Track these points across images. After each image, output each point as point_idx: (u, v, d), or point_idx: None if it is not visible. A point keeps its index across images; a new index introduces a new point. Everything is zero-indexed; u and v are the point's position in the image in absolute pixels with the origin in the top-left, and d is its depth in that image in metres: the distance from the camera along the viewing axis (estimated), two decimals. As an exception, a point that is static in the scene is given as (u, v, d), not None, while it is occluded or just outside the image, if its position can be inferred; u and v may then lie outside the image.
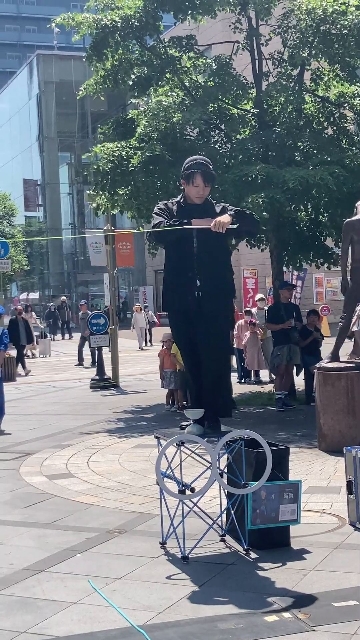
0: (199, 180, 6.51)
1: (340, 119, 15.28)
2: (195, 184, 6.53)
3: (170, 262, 6.65)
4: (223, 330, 6.69)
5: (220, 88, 14.64)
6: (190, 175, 6.53)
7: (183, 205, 6.61)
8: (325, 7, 13.15)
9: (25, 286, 70.93)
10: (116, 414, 14.40)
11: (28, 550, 6.62)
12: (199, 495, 6.14)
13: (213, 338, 6.48)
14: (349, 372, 10.03)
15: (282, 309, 14.14)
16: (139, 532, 7.00)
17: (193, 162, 6.62)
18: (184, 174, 6.61)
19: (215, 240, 6.40)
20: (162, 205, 6.70)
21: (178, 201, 6.71)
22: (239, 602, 5.26)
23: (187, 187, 6.62)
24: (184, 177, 6.63)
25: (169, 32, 22.52)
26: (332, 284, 38.29)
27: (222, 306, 6.55)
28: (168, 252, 6.72)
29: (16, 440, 12.02)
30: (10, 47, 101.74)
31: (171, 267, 6.64)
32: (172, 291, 6.62)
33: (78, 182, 58.16)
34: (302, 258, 15.66)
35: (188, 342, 6.70)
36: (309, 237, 15.31)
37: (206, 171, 6.54)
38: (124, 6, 14.38)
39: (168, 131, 13.53)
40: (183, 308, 6.55)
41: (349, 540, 6.46)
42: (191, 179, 6.53)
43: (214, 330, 6.47)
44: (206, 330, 6.46)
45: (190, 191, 6.59)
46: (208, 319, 6.44)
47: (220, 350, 6.66)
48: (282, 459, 6.46)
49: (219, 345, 6.58)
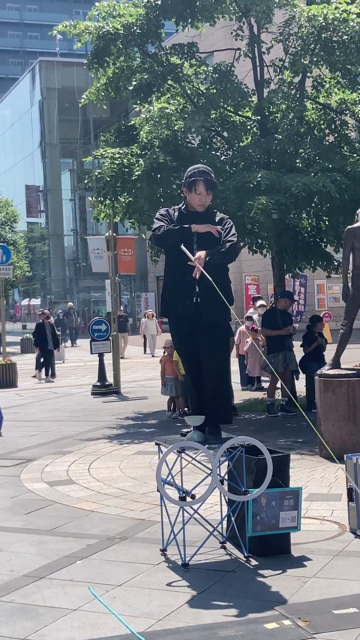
0: (202, 188, 6.56)
1: (341, 126, 15.31)
2: (198, 192, 6.58)
3: (170, 267, 6.70)
4: (222, 336, 6.70)
5: (223, 94, 14.66)
6: (193, 183, 6.58)
7: (184, 213, 6.65)
8: (326, 14, 13.19)
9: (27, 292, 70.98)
10: (117, 420, 14.40)
11: (28, 557, 6.62)
12: (199, 502, 6.14)
13: (212, 344, 6.51)
14: (350, 378, 10.03)
15: (278, 315, 14.19)
16: (139, 538, 6.99)
17: (195, 171, 6.67)
18: (186, 182, 6.67)
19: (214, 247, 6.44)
20: (164, 212, 6.75)
21: (179, 208, 6.75)
22: (239, 609, 5.26)
23: (189, 195, 6.66)
24: (186, 185, 6.68)
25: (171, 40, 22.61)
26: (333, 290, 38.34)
27: (221, 312, 6.57)
28: (168, 258, 6.77)
29: (17, 447, 12.01)
30: (13, 53, 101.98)
31: (171, 272, 6.68)
32: (171, 296, 6.67)
33: (80, 188, 58.20)
34: (304, 264, 15.66)
35: (188, 348, 6.72)
36: (310, 244, 15.32)
37: (208, 179, 6.60)
38: (125, 14, 14.42)
39: (170, 138, 13.56)
40: (182, 313, 6.58)
41: (349, 547, 6.45)
42: (193, 187, 6.58)
43: (213, 336, 6.50)
44: (205, 336, 6.49)
45: (193, 199, 6.63)
46: (207, 325, 6.48)
47: (220, 356, 6.66)
48: (282, 465, 6.46)
49: (218, 351, 6.60)
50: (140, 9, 14.30)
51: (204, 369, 6.59)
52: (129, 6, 14.68)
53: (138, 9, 14.37)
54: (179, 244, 6.46)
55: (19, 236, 50.43)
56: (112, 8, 14.68)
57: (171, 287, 6.69)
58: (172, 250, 6.67)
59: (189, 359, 6.79)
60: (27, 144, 66.62)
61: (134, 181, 13.50)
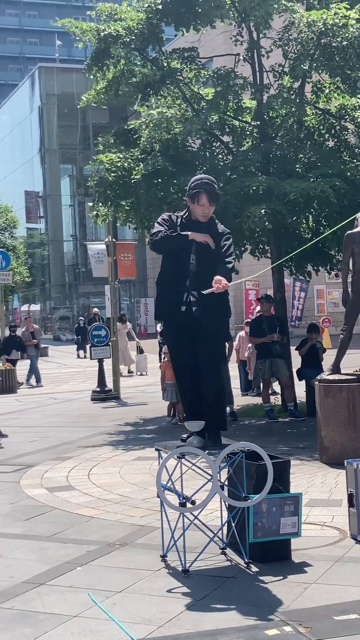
0: (205, 200, 6.59)
1: (341, 132, 15.31)
2: (201, 203, 6.60)
3: (166, 275, 6.71)
4: (217, 342, 6.74)
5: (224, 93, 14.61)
6: (196, 194, 6.60)
7: (186, 222, 6.67)
8: (325, 20, 13.18)
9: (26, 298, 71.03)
10: (117, 426, 14.38)
11: (28, 563, 6.60)
12: (199, 508, 6.12)
13: (208, 350, 6.53)
14: (350, 384, 10.01)
15: (264, 322, 14.22)
16: (139, 545, 6.98)
17: (199, 182, 6.68)
18: (190, 193, 6.67)
19: (212, 259, 6.48)
20: (166, 217, 6.77)
21: (182, 216, 6.76)
22: (240, 615, 5.24)
23: (192, 206, 6.68)
24: (189, 195, 6.69)
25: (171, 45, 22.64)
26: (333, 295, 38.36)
27: (216, 320, 6.58)
28: (164, 265, 6.76)
29: (17, 453, 12.00)
30: (12, 59, 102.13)
31: (166, 280, 6.70)
32: (167, 302, 6.68)
33: (79, 194, 58.31)
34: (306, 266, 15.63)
35: (181, 354, 6.76)
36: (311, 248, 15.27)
37: (212, 191, 6.63)
38: (127, 18, 14.43)
39: (170, 142, 13.55)
40: (177, 320, 6.62)
41: (350, 553, 6.43)
42: (196, 198, 6.60)
43: (208, 342, 6.53)
44: (201, 342, 6.52)
45: (196, 210, 6.66)
46: (202, 331, 6.50)
47: (215, 361, 6.68)
48: (283, 471, 6.44)
49: (214, 356, 6.62)
50: (140, 14, 14.31)
51: (202, 375, 6.59)
52: (130, 10, 14.69)
53: (139, 13, 14.38)
54: (174, 249, 6.51)
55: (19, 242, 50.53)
56: (113, 10, 14.69)
57: (165, 294, 6.71)
58: (168, 256, 6.70)
59: (182, 364, 6.83)
60: (27, 150, 66.74)
61: (134, 185, 13.49)
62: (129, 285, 59.08)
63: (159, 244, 6.59)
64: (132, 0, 15.00)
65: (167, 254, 6.68)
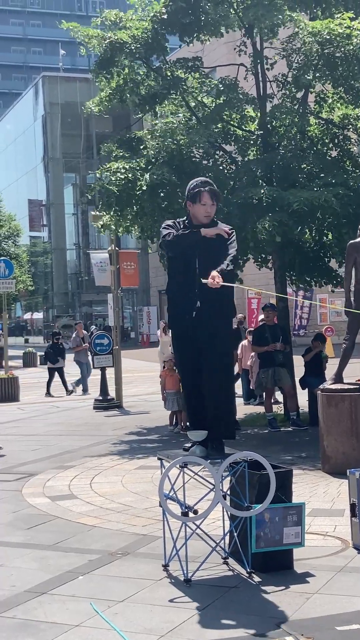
0: (206, 198, 6.58)
1: (344, 141, 15.32)
2: (203, 202, 6.59)
3: (173, 282, 6.71)
4: (223, 350, 6.71)
5: (228, 103, 14.66)
6: (197, 194, 6.59)
7: (188, 227, 6.66)
8: (329, 30, 13.22)
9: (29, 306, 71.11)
10: (119, 434, 14.37)
11: (30, 572, 6.59)
12: (202, 517, 6.11)
13: (213, 358, 6.51)
14: (353, 393, 10.00)
15: (266, 331, 14.22)
16: (141, 554, 6.96)
17: (197, 182, 6.72)
18: (190, 194, 6.66)
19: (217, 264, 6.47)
20: (170, 222, 6.79)
21: (184, 221, 6.75)
22: (242, 625, 5.23)
23: (193, 208, 6.66)
24: (189, 198, 6.68)
25: (175, 54, 22.69)
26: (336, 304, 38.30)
27: (222, 326, 6.60)
28: (171, 272, 6.78)
29: (19, 461, 11.99)
30: (16, 68, 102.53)
31: (174, 288, 6.71)
32: (174, 310, 6.71)
33: (83, 202, 58.38)
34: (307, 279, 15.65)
35: (187, 362, 6.75)
36: (313, 258, 15.31)
37: (212, 189, 6.63)
38: (132, 26, 14.48)
39: (175, 153, 13.58)
40: (183, 327, 6.63)
41: (352, 563, 6.42)
42: (198, 198, 6.59)
43: (214, 350, 6.51)
44: (206, 349, 6.50)
45: (198, 210, 6.63)
46: (208, 338, 6.49)
47: (221, 369, 6.66)
48: (285, 481, 6.43)
49: (219, 365, 6.60)
50: (145, 23, 14.35)
51: (206, 383, 6.58)
52: (135, 19, 14.73)
53: (144, 22, 14.42)
54: (187, 249, 6.51)
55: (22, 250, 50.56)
56: (118, 18, 14.74)
57: (173, 301, 6.74)
58: (175, 261, 6.72)
59: (187, 372, 6.83)
60: (30, 159, 66.91)
61: (138, 195, 13.51)
62: (132, 294, 59.16)
63: (172, 243, 6.56)
64: (137, 9, 15.04)
65: (179, 254, 6.64)
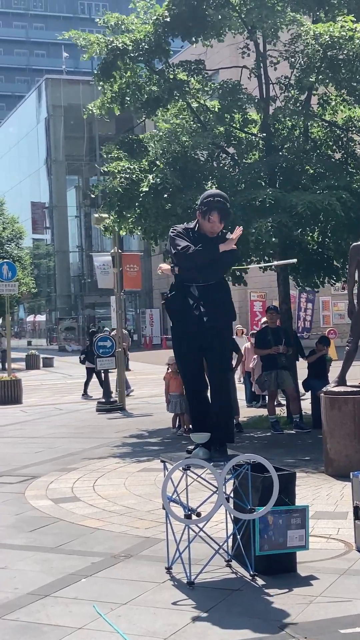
0: (215, 217, 6.61)
1: (347, 144, 15.33)
2: (211, 221, 6.60)
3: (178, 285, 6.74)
4: (225, 349, 6.77)
5: (232, 104, 14.64)
6: (207, 211, 6.60)
7: (197, 236, 6.69)
8: (332, 32, 13.22)
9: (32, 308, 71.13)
10: (122, 437, 14.36)
11: (33, 575, 6.58)
12: (205, 520, 6.10)
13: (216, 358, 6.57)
14: (356, 396, 9.99)
15: (269, 333, 14.20)
16: (144, 556, 6.95)
17: (211, 199, 6.65)
18: (202, 208, 6.65)
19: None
20: (181, 230, 6.78)
21: (192, 228, 6.76)
22: (245, 628, 5.22)
23: (202, 220, 6.68)
24: (200, 211, 6.68)
25: (177, 57, 22.70)
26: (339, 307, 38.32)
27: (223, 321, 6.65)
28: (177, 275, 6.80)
29: (22, 463, 11.99)
30: (19, 71, 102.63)
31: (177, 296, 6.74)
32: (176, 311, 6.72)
33: (85, 204, 58.41)
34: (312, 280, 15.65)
35: (189, 363, 6.79)
36: (318, 259, 15.30)
37: (223, 209, 6.63)
38: (134, 30, 14.49)
39: (179, 155, 13.59)
40: (185, 328, 6.67)
41: (355, 566, 6.41)
42: (207, 215, 6.59)
43: (216, 350, 6.57)
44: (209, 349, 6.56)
45: (205, 225, 6.67)
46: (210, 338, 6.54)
47: (221, 372, 6.71)
48: (288, 483, 6.43)
49: (220, 367, 6.65)
50: (148, 26, 14.36)
51: (210, 385, 6.61)
52: (138, 22, 14.74)
53: (146, 25, 14.43)
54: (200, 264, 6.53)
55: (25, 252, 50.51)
56: (120, 21, 14.74)
57: (175, 302, 6.76)
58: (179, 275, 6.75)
59: (189, 374, 6.86)
60: (33, 161, 66.92)
61: (141, 197, 13.51)
62: (135, 296, 59.15)
63: (188, 257, 6.54)
64: (139, 12, 15.05)
65: (190, 268, 6.61)
